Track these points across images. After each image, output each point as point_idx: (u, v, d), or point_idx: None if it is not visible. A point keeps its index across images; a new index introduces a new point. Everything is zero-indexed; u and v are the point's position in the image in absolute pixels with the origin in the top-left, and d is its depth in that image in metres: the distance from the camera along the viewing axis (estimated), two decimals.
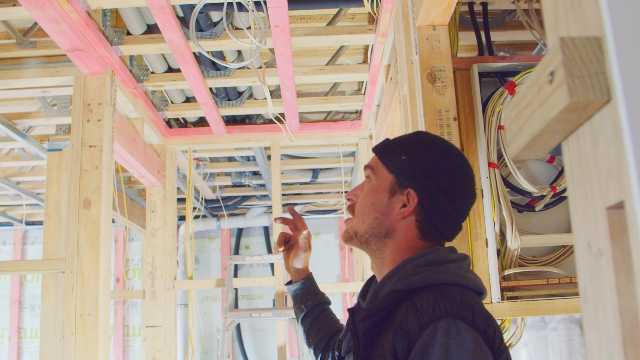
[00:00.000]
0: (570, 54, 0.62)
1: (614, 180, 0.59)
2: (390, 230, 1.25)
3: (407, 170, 1.24)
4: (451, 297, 1.08)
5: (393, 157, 1.27)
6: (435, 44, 1.96)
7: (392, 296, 1.14)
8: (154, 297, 4.02)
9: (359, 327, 1.13)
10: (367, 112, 3.95)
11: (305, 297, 1.66)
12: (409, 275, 1.16)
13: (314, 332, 1.63)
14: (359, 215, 1.28)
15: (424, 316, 1.04)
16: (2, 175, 5.35)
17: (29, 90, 3.22)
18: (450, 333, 1.01)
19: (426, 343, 1.01)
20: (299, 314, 1.67)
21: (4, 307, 7.53)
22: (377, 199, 1.27)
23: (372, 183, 1.29)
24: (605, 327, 0.62)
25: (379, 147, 1.33)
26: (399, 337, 1.05)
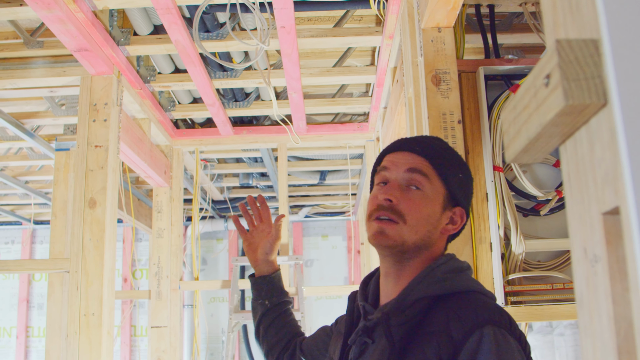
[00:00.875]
0: (567, 56, 0.61)
1: (609, 186, 0.58)
2: (432, 243, 1.24)
3: (462, 190, 1.26)
4: (487, 305, 1.11)
5: (451, 171, 1.25)
6: (440, 46, 1.95)
7: (425, 301, 1.14)
8: (160, 297, 4.02)
9: (396, 332, 1.11)
10: (375, 114, 3.94)
11: (272, 293, 1.62)
12: (440, 281, 1.16)
13: (274, 330, 1.59)
14: (413, 225, 1.19)
15: (468, 322, 1.06)
16: (10, 174, 5.37)
17: (37, 89, 3.24)
18: (497, 340, 1.03)
19: (474, 349, 1.02)
20: (260, 310, 1.62)
21: (12, 305, 7.57)
22: (432, 212, 1.22)
23: (426, 193, 1.21)
24: (600, 335, 0.61)
25: (429, 152, 1.26)
26: (444, 343, 1.05)
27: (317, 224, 7.67)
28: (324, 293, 4.57)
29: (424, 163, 1.23)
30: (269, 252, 1.64)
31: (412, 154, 1.25)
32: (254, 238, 1.67)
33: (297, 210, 7.23)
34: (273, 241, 1.64)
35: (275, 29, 2.80)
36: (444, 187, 1.23)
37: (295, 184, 6.16)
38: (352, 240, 7.38)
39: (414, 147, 1.26)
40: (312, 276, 7.59)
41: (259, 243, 1.65)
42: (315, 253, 7.66)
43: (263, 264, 1.64)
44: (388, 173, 1.26)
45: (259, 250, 1.64)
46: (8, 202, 6.47)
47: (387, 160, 1.28)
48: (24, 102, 3.84)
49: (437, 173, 1.23)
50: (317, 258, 7.64)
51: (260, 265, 1.64)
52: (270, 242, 1.64)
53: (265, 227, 1.67)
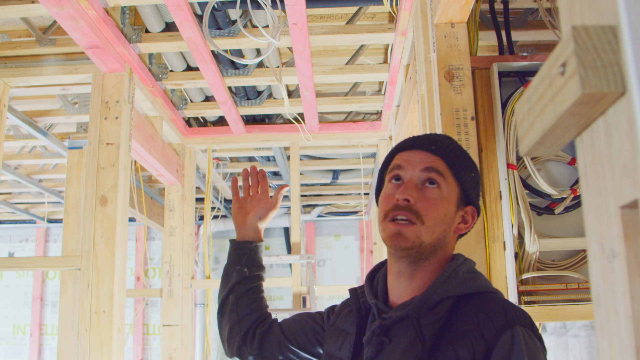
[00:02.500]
0: (583, 43, 0.58)
1: (628, 178, 0.56)
2: (447, 242, 1.24)
3: (475, 188, 1.27)
4: (512, 306, 1.14)
5: (465, 170, 1.25)
6: (454, 41, 1.92)
7: (450, 301, 1.15)
8: (171, 296, 4.02)
9: (427, 331, 1.12)
10: (387, 112, 3.91)
11: (252, 262, 1.53)
12: (465, 281, 1.18)
13: (247, 301, 1.49)
14: (430, 225, 1.18)
15: (498, 322, 1.09)
16: (24, 172, 5.40)
17: (49, 87, 3.24)
18: (526, 340, 1.07)
19: (507, 348, 1.05)
20: (237, 277, 1.51)
21: (26, 303, 7.61)
22: (448, 211, 1.21)
23: (442, 192, 1.20)
24: (617, 334, 0.59)
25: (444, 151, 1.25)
26: (477, 342, 1.08)
27: (329, 223, 7.66)
28: (335, 292, 4.55)
29: (439, 162, 1.22)
30: (262, 218, 1.55)
31: (427, 152, 1.23)
32: (246, 203, 1.59)
33: (309, 210, 7.22)
34: (269, 208, 1.55)
35: (287, 26, 2.78)
36: (458, 187, 1.23)
37: (308, 183, 6.14)
38: (364, 240, 7.35)
39: (429, 146, 1.24)
40: (325, 276, 7.58)
41: (251, 209, 1.57)
42: (328, 253, 7.64)
43: (251, 229, 1.55)
44: (403, 172, 1.23)
45: (251, 214, 1.56)
46: (22, 201, 6.50)
47: (401, 159, 1.25)
48: (37, 100, 3.85)
49: (452, 172, 1.22)
50: (329, 258, 7.63)
51: (247, 230, 1.55)
52: (266, 208, 1.55)
53: (261, 197, 1.58)
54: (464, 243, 1.77)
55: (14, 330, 7.58)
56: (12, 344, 7.56)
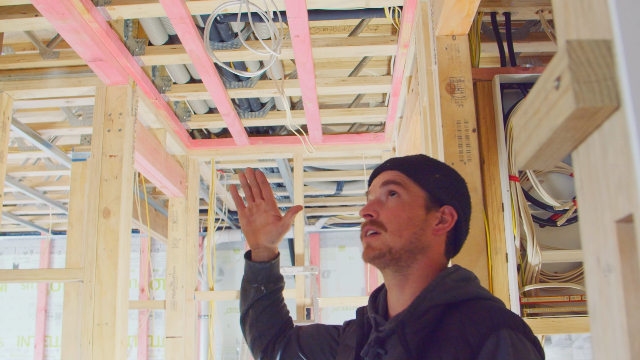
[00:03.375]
0: (577, 57, 0.58)
1: (623, 192, 0.56)
2: (426, 245, 1.24)
3: (444, 187, 1.28)
4: (500, 309, 1.12)
5: (424, 174, 1.29)
6: (455, 53, 1.93)
7: (438, 309, 1.15)
8: (175, 307, 4.02)
9: (411, 339, 1.12)
10: (391, 124, 3.92)
11: (269, 279, 1.53)
12: (452, 290, 1.17)
13: (267, 317, 1.52)
14: (395, 230, 1.22)
15: (484, 327, 1.07)
16: (29, 184, 5.42)
17: (53, 100, 3.26)
18: (514, 342, 1.03)
19: (491, 352, 1.03)
20: (254, 294, 1.52)
21: (31, 315, 7.61)
22: (413, 215, 1.24)
23: (402, 199, 1.25)
24: (613, 349, 0.59)
25: (397, 164, 1.31)
26: (461, 349, 1.06)
27: (334, 234, 7.65)
28: (340, 304, 4.54)
29: (395, 174, 1.29)
30: (274, 241, 1.53)
31: (385, 172, 1.31)
32: (254, 216, 1.55)
33: (314, 221, 7.21)
34: (282, 232, 1.53)
35: (289, 39, 2.79)
36: (423, 190, 1.26)
37: (312, 195, 6.14)
38: None
39: (386, 165, 1.33)
40: (329, 287, 7.56)
41: (261, 227, 1.53)
42: (332, 264, 7.63)
43: (264, 250, 1.54)
44: (370, 195, 1.32)
45: (262, 236, 1.53)
46: (27, 212, 6.51)
47: (370, 186, 1.34)
48: (41, 112, 3.87)
49: (411, 179, 1.27)
50: (334, 269, 7.62)
51: (260, 251, 1.54)
52: (278, 232, 1.52)
53: (267, 206, 1.55)
54: (466, 255, 1.77)
55: (18, 342, 7.58)
56: (16, 355, 7.55)
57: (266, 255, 1.53)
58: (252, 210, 1.55)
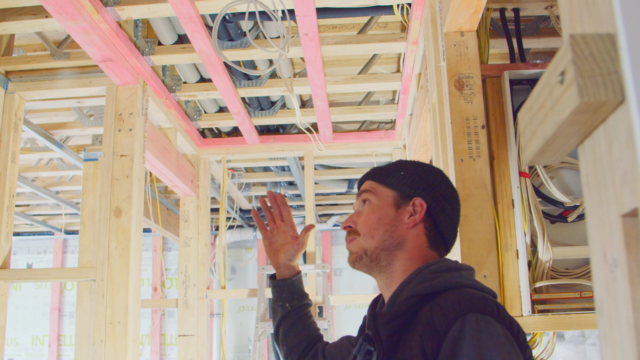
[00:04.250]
0: (581, 52, 0.58)
1: (628, 187, 0.55)
2: (401, 240, 1.27)
3: (410, 182, 1.31)
4: (474, 295, 1.10)
5: (390, 175, 1.33)
6: (463, 50, 1.92)
7: (412, 300, 1.15)
8: (187, 306, 4.03)
9: (382, 331, 1.13)
10: (401, 121, 3.91)
11: (292, 296, 1.61)
12: (427, 280, 1.17)
13: (294, 333, 1.59)
14: (366, 232, 1.29)
15: (450, 312, 1.05)
16: (41, 185, 5.45)
17: (65, 100, 3.27)
18: (479, 326, 1.02)
19: (456, 337, 1.02)
20: (281, 312, 1.62)
21: (45, 314, 7.66)
22: (383, 214, 1.29)
23: (372, 203, 1.31)
24: (620, 344, 0.58)
25: (369, 174, 1.38)
26: (427, 335, 1.06)
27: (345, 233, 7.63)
28: (351, 302, 4.53)
29: (368, 183, 1.36)
30: (292, 259, 1.63)
31: (363, 184, 1.38)
32: (275, 237, 1.65)
33: (325, 219, 7.21)
34: (298, 249, 1.63)
35: (299, 37, 2.79)
36: (391, 190, 1.31)
37: (324, 193, 6.14)
38: None
39: (362, 178, 1.40)
40: (342, 285, 7.56)
41: (281, 247, 1.64)
42: (344, 262, 7.62)
43: (285, 268, 1.63)
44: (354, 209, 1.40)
45: (282, 255, 1.63)
46: (40, 213, 6.55)
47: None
48: (53, 113, 3.89)
49: (379, 183, 1.33)
50: (346, 267, 7.61)
51: (282, 269, 1.63)
52: (295, 250, 1.62)
53: (286, 228, 1.66)
54: (475, 251, 1.76)
55: (32, 341, 7.63)
56: (31, 354, 7.61)
57: (287, 274, 1.63)
58: (273, 232, 1.66)
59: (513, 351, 1.02)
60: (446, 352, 1.02)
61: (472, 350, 0.99)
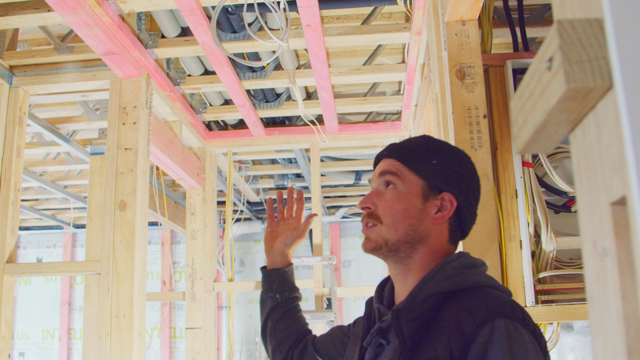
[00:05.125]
0: (568, 37, 0.57)
1: (617, 174, 0.55)
2: (424, 235, 1.22)
3: (441, 174, 1.23)
4: (499, 298, 1.09)
5: (422, 161, 1.24)
6: (465, 39, 1.90)
7: (435, 298, 1.13)
8: (194, 299, 4.04)
9: (406, 328, 1.10)
10: (407, 112, 3.89)
11: (283, 287, 1.59)
12: (450, 277, 1.15)
13: (284, 325, 1.57)
14: (390, 222, 1.21)
15: (479, 316, 1.04)
16: (49, 179, 5.46)
17: (70, 94, 3.27)
18: (509, 332, 1.01)
19: (485, 342, 1.01)
20: (270, 303, 1.59)
21: (55, 308, 7.71)
22: (410, 205, 1.21)
23: (398, 189, 1.23)
24: (610, 333, 0.58)
25: (395, 151, 1.28)
26: (455, 338, 1.04)
27: (354, 224, 7.64)
28: (359, 293, 4.53)
29: (392, 163, 1.26)
30: (287, 245, 1.60)
31: (383, 160, 1.29)
32: (279, 228, 1.64)
33: (334, 211, 7.20)
34: (297, 236, 1.60)
35: (302, 28, 2.78)
36: (420, 179, 1.23)
37: (332, 185, 6.14)
38: None
39: (384, 153, 1.30)
40: (350, 277, 7.56)
41: (280, 234, 1.62)
42: (353, 254, 7.62)
43: (278, 255, 1.60)
44: (372, 185, 1.31)
45: (279, 239, 1.61)
46: (49, 207, 6.58)
47: (372, 176, 1.32)
48: (60, 107, 3.90)
49: (408, 168, 1.24)
50: (354, 259, 7.61)
51: (275, 256, 1.61)
52: (294, 236, 1.60)
53: (294, 222, 1.64)
54: (477, 242, 1.75)
55: (43, 335, 7.68)
56: (41, 348, 7.66)
57: (279, 263, 1.61)
58: (279, 223, 1.65)
59: (538, 358, 1.02)
60: (474, 355, 1.01)
61: (502, 356, 0.98)
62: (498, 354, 0.99)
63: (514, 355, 0.98)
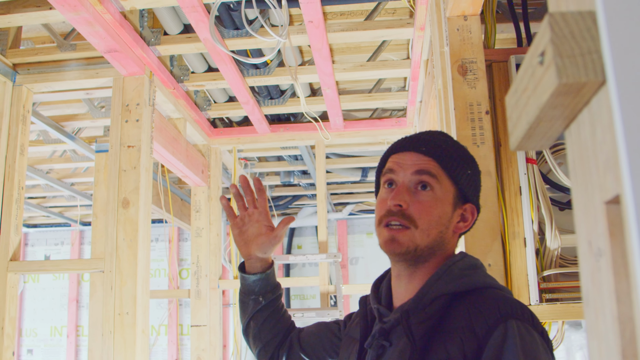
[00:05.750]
0: (560, 30, 0.55)
1: (610, 172, 0.53)
2: (446, 242, 1.21)
3: (472, 185, 1.23)
4: (509, 300, 1.09)
5: (460, 169, 1.21)
6: (467, 35, 1.88)
7: (444, 299, 1.12)
8: (199, 296, 4.04)
9: (416, 330, 1.09)
10: (412, 108, 3.87)
11: (266, 289, 1.48)
12: (458, 278, 1.14)
13: (269, 326, 1.49)
14: (425, 228, 1.16)
15: (491, 318, 1.04)
16: (56, 177, 5.47)
17: (73, 92, 3.27)
18: (522, 334, 1.01)
19: (499, 343, 1.01)
20: (253, 306, 1.49)
21: (63, 305, 7.72)
22: (443, 213, 1.18)
23: (436, 194, 1.18)
24: (605, 336, 0.56)
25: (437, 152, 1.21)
26: (467, 339, 1.04)
27: (361, 221, 7.61)
28: (365, 290, 4.51)
29: (431, 163, 1.19)
30: (266, 252, 1.47)
31: (418, 154, 1.21)
32: (246, 226, 1.48)
33: (341, 208, 7.18)
34: (274, 243, 1.46)
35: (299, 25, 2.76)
36: (454, 186, 1.20)
37: (338, 182, 6.11)
38: None
39: (420, 147, 1.22)
40: (358, 274, 7.54)
41: (254, 238, 1.47)
42: (361, 251, 7.60)
43: (257, 261, 1.48)
44: (395, 175, 1.22)
45: (254, 247, 1.46)
46: (56, 204, 6.59)
47: (393, 162, 1.23)
48: (65, 105, 3.90)
49: (445, 173, 1.19)
50: (362, 256, 7.59)
51: (253, 261, 1.48)
52: (271, 243, 1.46)
53: (260, 216, 1.48)
54: (480, 240, 1.73)
55: (51, 332, 7.70)
56: (49, 345, 7.68)
57: (260, 266, 1.49)
58: (244, 219, 1.49)
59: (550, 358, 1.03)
60: (489, 357, 1.01)
61: (517, 358, 0.98)
62: (512, 355, 0.99)
63: (527, 356, 0.98)
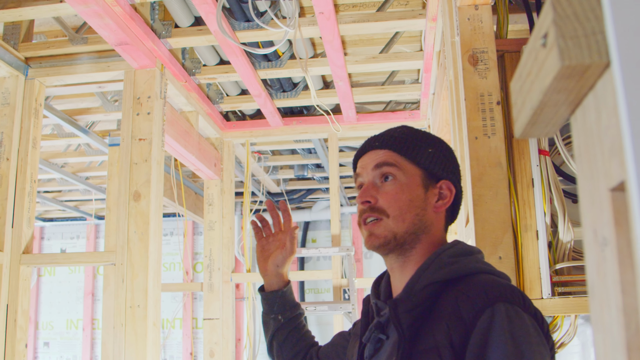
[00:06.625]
0: (563, 11, 0.53)
1: (615, 157, 0.51)
2: (428, 225, 1.21)
3: (438, 162, 1.24)
4: (498, 283, 1.07)
5: (417, 150, 1.23)
6: (478, 24, 1.85)
7: (433, 287, 1.11)
8: (212, 290, 4.04)
9: (404, 319, 1.08)
10: (425, 100, 3.84)
11: (284, 307, 1.55)
12: (447, 265, 1.13)
13: (290, 345, 1.53)
14: (397, 215, 1.18)
15: (478, 302, 1.02)
16: (71, 170, 5.50)
17: (86, 85, 3.27)
18: (510, 316, 0.99)
19: (486, 327, 0.99)
20: (273, 325, 1.55)
21: (78, 298, 7.78)
22: (413, 196, 1.20)
23: (399, 180, 1.21)
24: (609, 328, 0.54)
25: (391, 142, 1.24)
26: (454, 325, 1.02)
27: None
28: None
29: (388, 154, 1.23)
30: (280, 265, 1.55)
31: (375, 150, 1.26)
32: (269, 245, 1.59)
33: (355, 202, 7.16)
34: (287, 255, 1.55)
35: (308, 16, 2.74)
36: (418, 168, 1.23)
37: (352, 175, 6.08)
38: None
39: (374, 144, 1.27)
40: (372, 268, 7.53)
41: (271, 253, 1.57)
42: None
43: (273, 276, 1.56)
44: (362, 178, 1.27)
45: (270, 260, 1.56)
46: (71, 198, 6.62)
47: (359, 166, 1.29)
48: (79, 99, 3.91)
49: (404, 157, 1.22)
50: None
51: (270, 277, 1.56)
52: (283, 255, 1.55)
53: (284, 236, 1.58)
54: (490, 232, 1.71)
55: (67, 325, 7.76)
56: (65, 338, 7.74)
57: (276, 284, 1.56)
58: (268, 240, 1.59)
59: (540, 342, 1.00)
60: (476, 342, 0.99)
61: (504, 341, 0.97)
62: (500, 338, 0.97)
63: (515, 339, 0.97)
